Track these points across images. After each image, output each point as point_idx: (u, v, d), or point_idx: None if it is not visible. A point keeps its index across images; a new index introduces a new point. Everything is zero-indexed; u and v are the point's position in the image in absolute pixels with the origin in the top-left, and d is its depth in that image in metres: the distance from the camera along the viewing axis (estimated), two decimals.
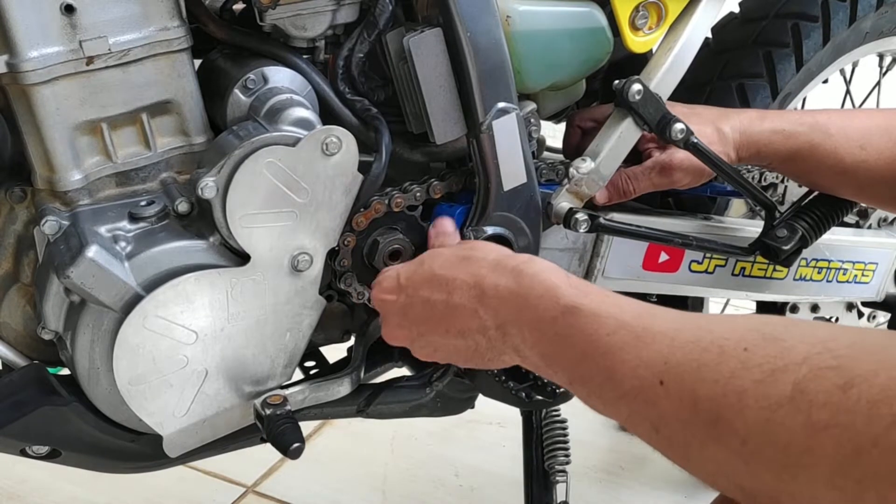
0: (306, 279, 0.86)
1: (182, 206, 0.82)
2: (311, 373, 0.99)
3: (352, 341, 1.00)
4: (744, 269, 1.12)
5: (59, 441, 0.86)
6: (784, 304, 1.26)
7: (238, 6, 0.92)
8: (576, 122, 1.04)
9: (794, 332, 0.53)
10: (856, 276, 1.21)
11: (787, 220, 1.04)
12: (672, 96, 0.98)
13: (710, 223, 1.08)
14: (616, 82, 0.94)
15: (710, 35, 1.13)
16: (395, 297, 0.79)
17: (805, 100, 1.23)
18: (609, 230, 0.99)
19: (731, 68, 1.14)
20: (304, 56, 0.88)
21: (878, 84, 1.39)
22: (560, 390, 0.91)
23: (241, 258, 0.83)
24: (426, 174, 0.93)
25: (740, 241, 1.06)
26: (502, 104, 0.87)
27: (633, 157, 0.99)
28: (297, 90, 0.85)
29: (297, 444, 0.84)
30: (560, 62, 0.94)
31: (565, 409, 1.07)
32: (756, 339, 0.53)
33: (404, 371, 1.02)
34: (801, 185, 1.09)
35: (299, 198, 0.82)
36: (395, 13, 0.87)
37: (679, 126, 0.93)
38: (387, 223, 0.91)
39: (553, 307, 0.66)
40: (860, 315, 1.35)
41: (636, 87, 0.93)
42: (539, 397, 0.92)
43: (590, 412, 0.65)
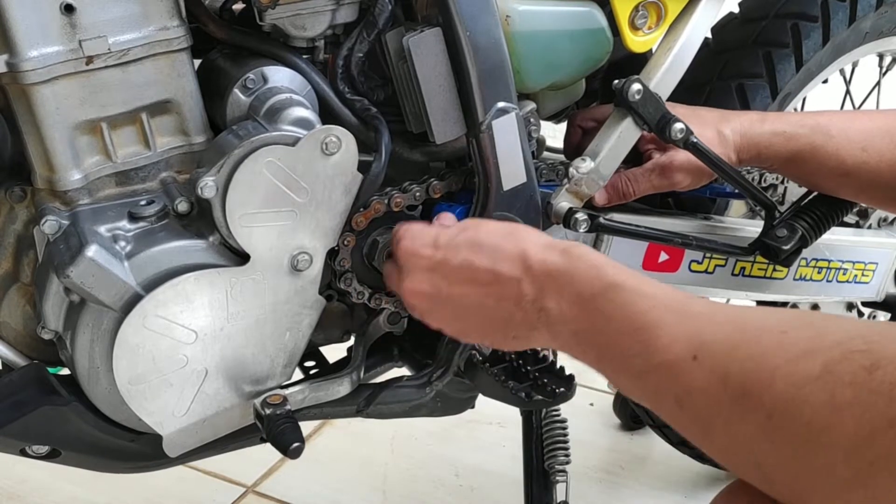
0: (306, 279, 0.86)
1: (182, 206, 0.83)
2: (311, 373, 0.99)
3: (352, 341, 1.00)
4: (744, 268, 1.12)
5: (59, 441, 0.86)
6: (784, 305, 1.26)
7: (238, 6, 0.92)
8: (576, 122, 1.04)
9: (831, 320, 0.55)
10: (856, 276, 1.21)
11: (787, 219, 1.04)
12: (672, 96, 0.98)
13: (710, 223, 1.08)
14: (616, 82, 0.94)
15: (709, 35, 1.13)
16: (430, 253, 0.79)
17: (805, 100, 1.23)
18: (609, 230, 0.99)
19: (730, 68, 1.14)
20: (304, 56, 0.88)
21: (878, 84, 1.39)
22: (560, 390, 0.91)
23: (241, 258, 0.83)
24: (426, 174, 0.93)
25: (740, 241, 1.06)
26: (502, 104, 0.87)
27: (634, 158, 0.99)
28: (296, 90, 0.85)
29: (296, 444, 0.84)
30: (560, 62, 0.94)
31: (565, 409, 1.07)
32: (794, 324, 0.55)
33: (404, 371, 1.02)
34: (801, 186, 1.09)
35: (299, 197, 0.82)
36: (394, 13, 0.87)
37: (679, 126, 0.93)
38: (386, 223, 0.91)
39: (597, 283, 0.67)
40: (860, 315, 1.35)
41: (636, 86, 0.93)
42: (539, 397, 0.92)
43: (590, 412, 0.65)
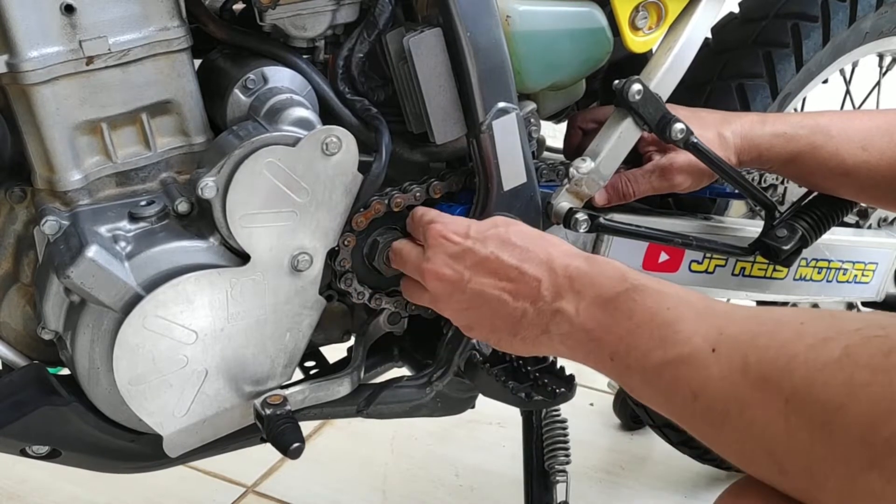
0: (306, 279, 0.86)
1: (182, 206, 0.82)
2: (311, 373, 0.99)
3: (352, 341, 1.00)
4: (744, 269, 1.12)
5: (59, 441, 0.86)
6: (784, 305, 1.26)
7: (238, 6, 0.92)
8: (577, 122, 1.04)
9: (846, 313, 0.57)
10: (856, 276, 1.21)
11: (787, 219, 1.04)
12: (672, 96, 0.98)
13: (710, 223, 1.08)
14: (616, 82, 0.94)
15: (709, 35, 1.13)
16: (460, 240, 0.81)
17: (805, 100, 1.23)
18: (609, 230, 0.99)
19: (730, 68, 1.14)
20: (304, 56, 0.88)
21: (878, 84, 1.39)
22: (560, 390, 0.91)
23: (241, 258, 0.83)
24: (426, 174, 0.93)
25: (740, 241, 1.06)
26: (502, 104, 0.87)
27: (634, 160, 0.99)
28: (296, 90, 0.85)
29: (296, 444, 0.84)
30: (560, 62, 0.94)
31: (565, 409, 1.07)
32: (811, 315, 0.57)
33: (404, 371, 1.02)
34: (801, 186, 1.09)
35: (299, 198, 0.82)
36: (394, 13, 0.87)
37: (679, 126, 0.93)
38: (387, 223, 0.91)
39: (619, 285, 0.69)
40: None
41: (636, 86, 0.93)
42: (539, 397, 0.92)
43: (590, 412, 0.65)
